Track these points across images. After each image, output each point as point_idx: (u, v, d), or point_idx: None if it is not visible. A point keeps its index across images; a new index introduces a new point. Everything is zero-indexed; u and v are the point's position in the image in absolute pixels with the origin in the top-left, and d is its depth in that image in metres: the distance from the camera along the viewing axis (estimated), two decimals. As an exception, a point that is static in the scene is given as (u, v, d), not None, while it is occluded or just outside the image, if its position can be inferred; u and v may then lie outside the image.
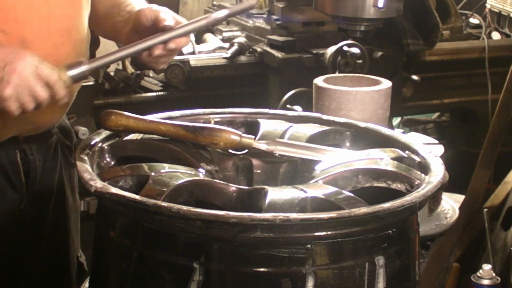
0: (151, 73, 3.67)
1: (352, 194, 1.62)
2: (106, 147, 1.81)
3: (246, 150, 1.82)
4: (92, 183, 1.59)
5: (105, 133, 1.84)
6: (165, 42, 1.98)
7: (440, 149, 2.68)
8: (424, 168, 1.77)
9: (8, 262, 2.18)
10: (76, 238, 2.34)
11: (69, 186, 2.28)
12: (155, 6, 2.08)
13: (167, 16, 2.02)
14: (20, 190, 2.15)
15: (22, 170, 2.15)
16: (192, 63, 3.56)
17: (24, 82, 1.83)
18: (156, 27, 2.01)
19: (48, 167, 2.21)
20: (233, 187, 1.65)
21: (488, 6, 4.34)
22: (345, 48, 3.33)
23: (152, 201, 1.50)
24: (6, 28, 1.97)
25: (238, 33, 3.93)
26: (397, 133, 1.98)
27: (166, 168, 1.69)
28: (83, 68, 1.93)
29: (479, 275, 2.40)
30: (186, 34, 2.01)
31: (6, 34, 1.97)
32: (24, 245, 2.19)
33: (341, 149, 1.90)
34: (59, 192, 2.24)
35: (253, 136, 1.83)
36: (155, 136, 1.83)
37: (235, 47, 3.66)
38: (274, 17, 3.70)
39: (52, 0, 2.04)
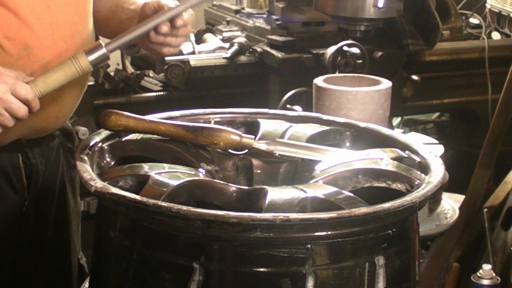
0: (151, 73, 3.67)
1: (352, 194, 1.62)
2: (106, 147, 1.81)
3: (246, 150, 1.82)
4: (92, 183, 1.59)
5: (105, 133, 1.84)
6: (172, 19, 1.99)
7: (440, 149, 2.68)
8: (424, 168, 1.77)
9: (10, 265, 2.18)
10: (77, 240, 2.34)
11: (71, 188, 2.28)
12: None
13: (168, 1, 2.05)
14: (22, 193, 2.15)
15: (24, 173, 2.14)
16: (192, 63, 3.56)
17: (1, 104, 1.84)
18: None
19: (50, 170, 2.20)
20: (233, 187, 1.65)
21: (488, 6, 4.33)
22: (345, 48, 3.32)
23: (152, 201, 1.51)
24: (9, 34, 1.97)
25: (238, 33, 3.92)
26: (397, 133, 1.98)
27: (166, 168, 1.69)
28: (102, 51, 1.93)
29: (479, 275, 2.40)
30: (193, 6, 2.01)
31: (10, 40, 1.97)
32: (26, 248, 2.19)
33: (341, 149, 1.90)
34: (61, 195, 2.24)
35: (253, 136, 1.83)
36: (155, 136, 1.83)
37: (235, 47, 3.65)
38: (274, 17, 3.70)
39: (55, 7, 2.03)
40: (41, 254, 2.22)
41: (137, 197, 1.52)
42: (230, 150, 1.82)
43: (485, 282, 2.39)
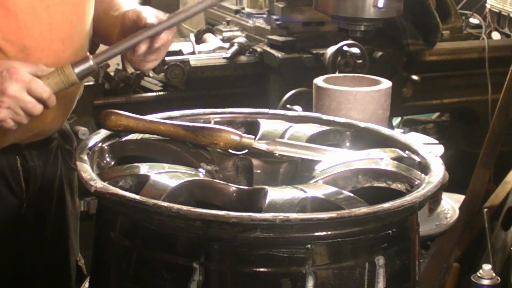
0: (151, 73, 3.67)
1: (352, 194, 1.62)
2: (106, 147, 1.81)
3: (246, 150, 1.82)
4: (92, 183, 1.59)
5: (105, 133, 1.84)
6: (150, 39, 1.94)
7: (440, 149, 2.68)
8: (424, 168, 1.77)
9: (8, 268, 2.17)
10: (76, 243, 2.34)
11: (69, 190, 2.27)
12: (138, 7, 2.05)
13: (148, 14, 1.99)
14: (20, 196, 2.14)
15: (22, 176, 2.14)
16: (192, 63, 3.56)
17: (16, 103, 1.83)
18: (138, 27, 1.97)
19: (48, 173, 2.20)
20: (233, 187, 1.65)
21: (488, 6, 4.34)
22: (345, 48, 3.33)
23: (152, 201, 1.50)
24: (7, 35, 1.96)
25: (238, 33, 3.93)
26: (397, 133, 1.98)
27: (166, 168, 1.69)
28: (89, 64, 1.90)
29: (479, 275, 2.40)
30: (170, 27, 1.95)
31: (8, 41, 1.96)
32: (24, 250, 2.19)
33: (341, 149, 1.90)
34: (59, 197, 2.24)
35: (253, 136, 1.83)
36: (155, 136, 1.83)
37: (235, 47, 3.66)
38: (274, 17, 3.70)
39: (54, 7, 2.02)
40: (40, 256, 2.22)
41: (137, 197, 1.52)
42: (230, 150, 1.82)
43: (485, 282, 2.39)
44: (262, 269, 1.49)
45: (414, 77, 3.75)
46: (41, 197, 2.18)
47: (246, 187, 1.68)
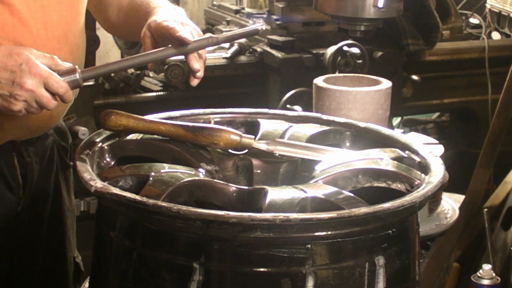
0: (151, 73, 3.67)
1: (352, 194, 1.62)
2: (106, 147, 1.81)
3: (246, 150, 1.82)
4: (92, 183, 1.59)
5: (105, 133, 1.84)
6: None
7: (440, 149, 2.68)
8: (424, 168, 1.77)
9: (5, 264, 2.17)
10: (73, 239, 2.34)
11: (65, 187, 2.28)
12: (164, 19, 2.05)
13: (185, 32, 2.01)
14: (18, 192, 2.15)
15: (20, 173, 2.14)
16: (192, 63, 3.56)
17: (33, 97, 1.82)
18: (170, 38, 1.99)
19: (45, 169, 2.20)
20: (233, 187, 1.65)
21: (488, 6, 4.34)
22: (345, 48, 3.33)
23: (152, 201, 1.50)
24: (2, 34, 1.96)
25: (238, 33, 3.92)
26: (397, 133, 1.98)
27: (166, 168, 1.69)
28: (75, 77, 1.86)
29: (479, 275, 2.40)
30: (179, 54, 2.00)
31: (4, 39, 1.96)
32: (21, 247, 2.19)
33: (341, 149, 1.90)
34: (56, 194, 2.24)
35: (253, 136, 1.83)
36: (155, 136, 1.83)
37: (235, 47, 3.66)
38: (274, 17, 3.70)
39: (49, 6, 2.03)
40: (37, 253, 2.22)
41: (137, 197, 1.52)
42: (230, 150, 1.82)
43: (485, 282, 2.39)
44: (262, 269, 1.49)
45: (414, 77, 3.75)
46: (38, 193, 2.18)
47: (246, 187, 1.68)
